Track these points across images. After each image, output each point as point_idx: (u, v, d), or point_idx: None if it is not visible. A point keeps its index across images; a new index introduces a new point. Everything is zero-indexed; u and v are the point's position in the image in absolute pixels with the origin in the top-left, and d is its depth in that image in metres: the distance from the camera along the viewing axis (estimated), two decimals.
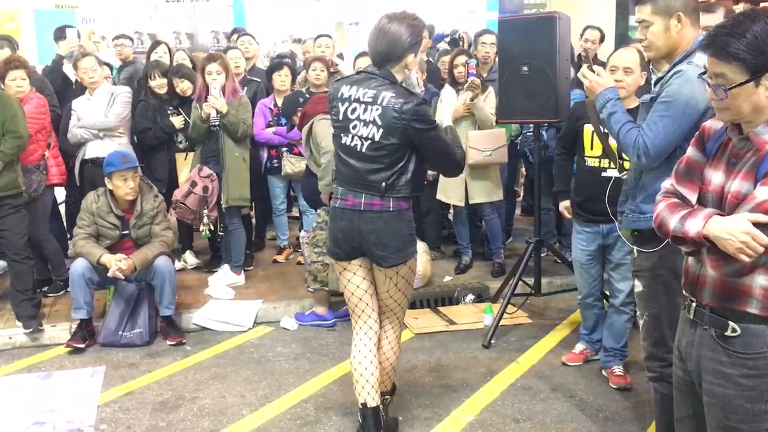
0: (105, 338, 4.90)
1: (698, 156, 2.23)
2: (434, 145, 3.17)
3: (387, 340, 3.51)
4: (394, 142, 3.10)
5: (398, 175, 3.15)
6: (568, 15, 4.93)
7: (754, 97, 1.99)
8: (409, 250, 3.28)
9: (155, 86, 5.94)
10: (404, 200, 3.20)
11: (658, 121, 2.74)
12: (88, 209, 4.91)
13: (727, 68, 1.99)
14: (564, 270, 5.67)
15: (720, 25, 2.05)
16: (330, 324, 5.19)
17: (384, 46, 3.11)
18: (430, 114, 3.19)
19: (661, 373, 2.88)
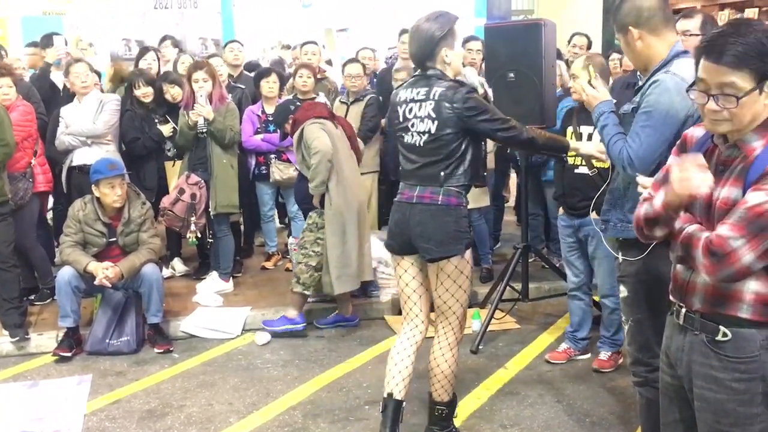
0: (92, 346, 4.88)
1: None
2: (493, 132, 3.25)
3: (438, 345, 3.45)
4: (450, 132, 3.19)
5: (456, 164, 3.22)
6: (554, 22, 4.96)
7: (756, 106, 1.98)
8: (453, 246, 3.24)
9: (140, 95, 5.93)
10: (457, 195, 3.24)
11: (640, 131, 2.77)
12: (75, 217, 4.90)
13: (736, 75, 1.95)
14: (552, 275, 5.69)
15: (718, 32, 2.01)
16: (300, 328, 5.13)
17: (417, 46, 3.26)
18: (480, 100, 3.23)
19: (646, 378, 2.89)
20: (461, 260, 3.29)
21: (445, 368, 3.43)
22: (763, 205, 1.93)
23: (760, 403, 2.06)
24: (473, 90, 3.26)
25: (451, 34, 3.24)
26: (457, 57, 3.29)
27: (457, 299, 3.36)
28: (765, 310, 2.03)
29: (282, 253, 6.66)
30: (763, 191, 1.94)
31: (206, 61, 5.86)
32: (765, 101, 1.98)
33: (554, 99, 4.98)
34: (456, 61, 3.29)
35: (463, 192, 3.27)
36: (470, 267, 3.37)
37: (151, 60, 6.55)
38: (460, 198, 3.25)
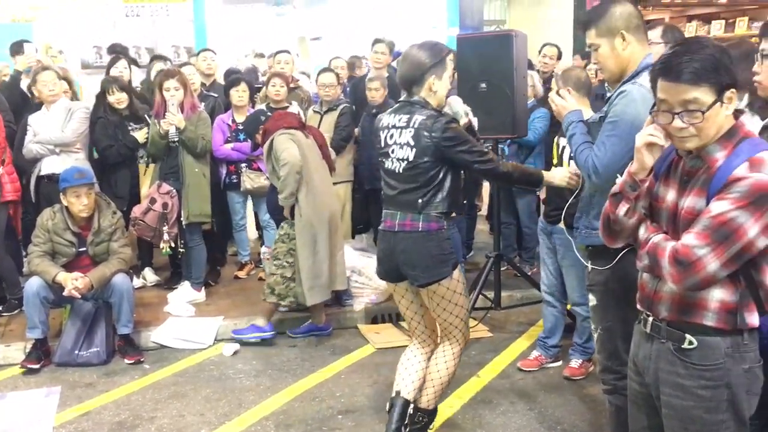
0: (61, 358, 4.81)
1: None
2: (469, 164, 3.27)
3: (442, 353, 3.50)
4: (427, 161, 3.22)
5: (434, 192, 3.25)
6: (525, 33, 5.02)
7: (719, 117, 2.04)
8: (439, 270, 3.27)
9: (114, 101, 5.88)
10: (437, 220, 3.26)
11: (606, 141, 2.81)
12: (44, 226, 4.84)
13: (697, 91, 2.01)
14: (524, 284, 5.72)
15: (673, 52, 2.06)
16: (269, 336, 5.13)
17: (406, 71, 3.32)
18: (460, 131, 3.26)
19: (615, 386, 2.93)
20: (451, 281, 3.32)
21: (441, 376, 3.48)
22: (726, 214, 1.97)
23: (726, 409, 2.10)
24: (453, 120, 3.30)
25: (441, 64, 3.29)
26: (443, 87, 3.33)
27: (456, 315, 3.40)
28: (729, 317, 2.08)
29: (255, 262, 6.63)
30: (726, 200, 1.99)
31: (178, 70, 5.83)
32: (725, 112, 2.05)
33: (525, 109, 5.04)
34: (441, 92, 3.33)
35: (443, 216, 3.28)
36: (462, 284, 3.40)
37: (122, 68, 6.50)
38: (440, 222, 3.27)
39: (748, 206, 1.96)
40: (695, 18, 11.07)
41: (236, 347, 5.06)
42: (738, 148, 2.04)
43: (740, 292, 2.07)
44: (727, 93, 2.03)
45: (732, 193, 1.98)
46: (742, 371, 2.09)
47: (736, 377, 2.09)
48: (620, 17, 2.84)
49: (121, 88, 5.92)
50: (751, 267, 2.06)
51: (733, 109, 2.06)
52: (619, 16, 2.84)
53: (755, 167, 1.98)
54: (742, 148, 2.04)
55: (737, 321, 2.07)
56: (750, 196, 1.96)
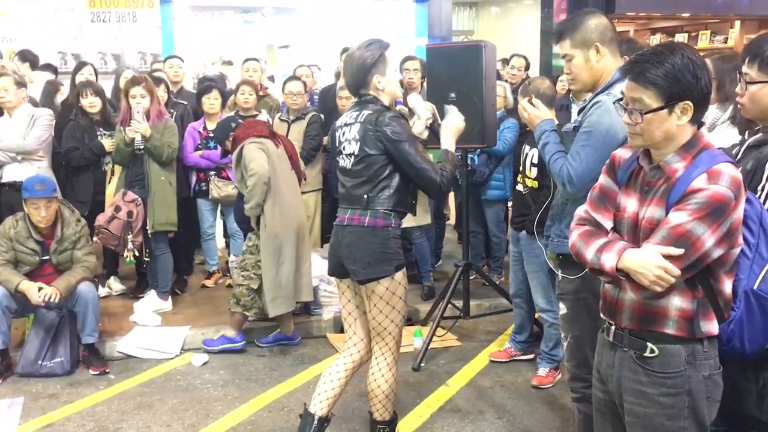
0: (24, 368, 4.71)
1: (610, 184, 2.32)
2: (407, 159, 3.19)
3: (377, 366, 3.41)
4: (372, 154, 3.21)
5: (381, 188, 3.23)
6: (493, 43, 5.06)
7: (666, 124, 2.09)
8: (380, 268, 3.23)
9: (87, 105, 5.79)
10: (384, 217, 3.23)
11: (581, 150, 2.84)
12: (6, 234, 4.74)
13: (644, 93, 2.09)
14: (492, 293, 5.75)
15: (641, 52, 2.14)
16: (239, 346, 5.11)
17: (350, 75, 3.31)
18: (405, 127, 3.23)
19: (584, 394, 2.95)
20: (392, 282, 3.27)
21: (385, 388, 3.41)
22: (684, 225, 2.01)
23: (687, 416, 2.14)
24: (399, 116, 3.27)
25: (381, 61, 3.26)
26: (390, 83, 3.31)
27: (391, 320, 3.33)
28: (689, 325, 2.11)
29: (223, 271, 6.57)
30: (684, 211, 2.03)
31: (144, 77, 5.76)
32: (677, 122, 2.09)
33: (495, 119, 5.08)
34: (390, 87, 3.32)
35: (392, 214, 3.25)
36: (404, 288, 3.34)
37: (87, 74, 6.41)
38: (387, 220, 3.24)
39: (705, 217, 2.00)
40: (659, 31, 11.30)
41: (205, 358, 5.01)
42: (697, 159, 2.08)
43: (698, 301, 2.11)
44: (680, 104, 2.06)
45: (690, 205, 2.02)
46: (702, 378, 2.13)
47: (696, 384, 2.13)
48: (595, 29, 2.88)
49: (96, 92, 5.84)
50: (709, 275, 2.10)
51: (686, 121, 2.08)
52: (594, 29, 2.88)
53: (713, 179, 2.02)
54: (701, 159, 2.08)
55: (695, 329, 2.11)
56: (707, 208, 2.00)
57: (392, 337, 3.38)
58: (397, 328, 3.39)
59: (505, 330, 5.45)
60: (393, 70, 3.35)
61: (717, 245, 2.02)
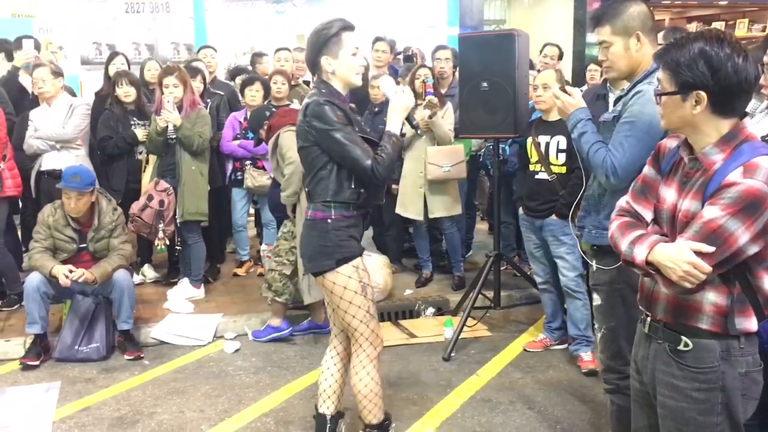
0: (61, 353, 4.82)
1: (653, 174, 2.28)
2: (334, 147, 3.00)
3: (353, 367, 3.31)
4: (305, 146, 3.09)
5: (318, 180, 3.08)
6: (526, 33, 5.02)
7: (680, 111, 2.07)
8: (320, 262, 3.10)
9: (122, 94, 5.88)
10: (322, 210, 3.07)
11: (624, 141, 2.79)
12: (45, 222, 4.83)
13: (662, 76, 2.09)
14: (523, 283, 5.74)
15: (676, 40, 2.12)
16: (286, 334, 5.16)
17: (306, 54, 3.18)
18: (331, 114, 2.97)
19: (617, 385, 2.93)
20: (337, 275, 3.09)
21: (362, 388, 3.26)
22: (717, 220, 1.97)
23: (720, 412, 2.10)
24: (328, 102, 3.00)
25: (335, 42, 3.04)
26: (342, 67, 3.06)
27: (353, 316, 3.16)
28: (723, 321, 2.08)
29: (254, 260, 6.63)
30: (717, 206, 1.98)
31: (178, 66, 5.81)
32: (693, 111, 2.05)
33: (527, 109, 5.04)
34: (343, 71, 3.07)
35: (332, 205, 3.06)
36: (358, 282, 3.12)
37: (120, 64, 6.48)
38: (327, 212, 3.07)
39: (738, 213, 1.95)
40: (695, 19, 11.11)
41: (237, 345, 5.07)
42: (737, 151, 2.03)
43: (735, 297, 2.07)
44: (693, 92, 2.03)
45: (723, 199, 1.97)
46: (738, 375, 2.09)
47: (731, 381, 2.09)
48: (637, 17, 2.82)
49: (131, 82, 5.92)
50: (746, 271, 2.06)
51: (700, 110, 2.04)
52: (636, 16, 2.82)
53: (748, 173, 1.97)
54: (742, 150, 2.03)
55: (729, 325, 2.07)
56: (740, 203, 1.95)
57: (362, 335, 3.21)
58: (363, 324, 3.19)
59: (536, 320, 5.43)
60: (350, 53, 3.06)
61: (752, 242, 1.97)
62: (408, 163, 5.83)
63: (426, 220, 5.87)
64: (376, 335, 3.25)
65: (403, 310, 5.65)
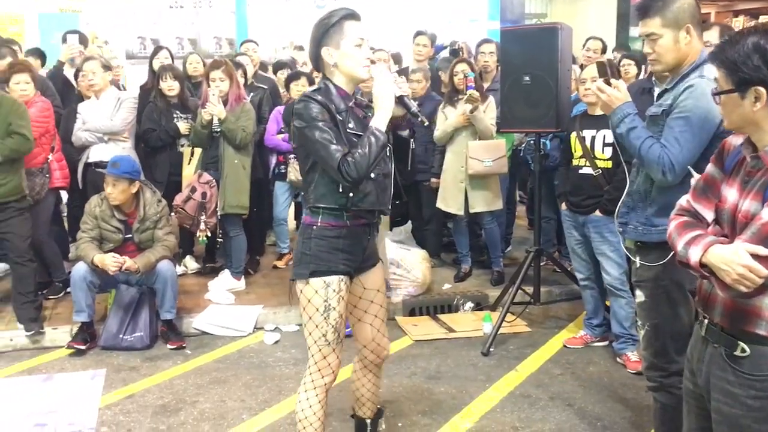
0: (106, 341, 4.92)
1: (716, 172, 2.20)
2: (309, 146, 2.74)
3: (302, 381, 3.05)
4: (295, 147, 2.92)
5: (308, 183, 2.87)
6: (570, 26, 4.97)
7: (740, 109, 2.00)
8: (296, 269, 2.88)
9: (166, 88, 5.98)
10: (310, 214, 2.85)
11: (679, 136, 2.74)
12: (92, 213, 4.94)
13: (719, 75, 2.04)
14: (563, 279, 5.70)
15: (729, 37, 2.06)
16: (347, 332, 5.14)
17: (309, 53, 2.92)
18: (308, 110, 2.70)
19: (661, 383, 2.90)
20: (306, 286, 2.85)
21: (299, 412, 2.98)
22: None
23: None
24: (309, 98, 2.74)
25: (337, 32, 2.76)
26: (347, 58, 2.77)
27: (309, 333, 2.90)
28: None
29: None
30: None
31: (225, 60, 5.87)
32: (753, 108, 1.98)
33: (569, 103, 5.01)
34: (347, 63, 2.78)
35: (319, 211, 2.82)
36: (323, 300, 2.83)
37: (163, 58, 6.59)
38: (313, 218, 2.83)
39: None
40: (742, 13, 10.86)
41: (277, 336, 5.13)
42: None
43: None
44: (751, 89, 1.96)
45: None
46: None
47: None
48: (688, 9, 2.77)
49: (175, 76, 6.02)
50: None
51: (760, 106, 1.97)
52: (687, 8, 2.76)
53: None
54: None
55: None
56: None
57: (311, 355, 2.92)
58: (315, 346, 2.89)
59: (577, 317, 5.39)
60: (353, 44, 2.77)
61: None
62: (449, 157, 5.82)
63: (466, 215, 5.86)
64: (327, 364, 2.92)
65: (441, 305, 5.65)
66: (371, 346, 3.18)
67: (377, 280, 3.08)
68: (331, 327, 2.87)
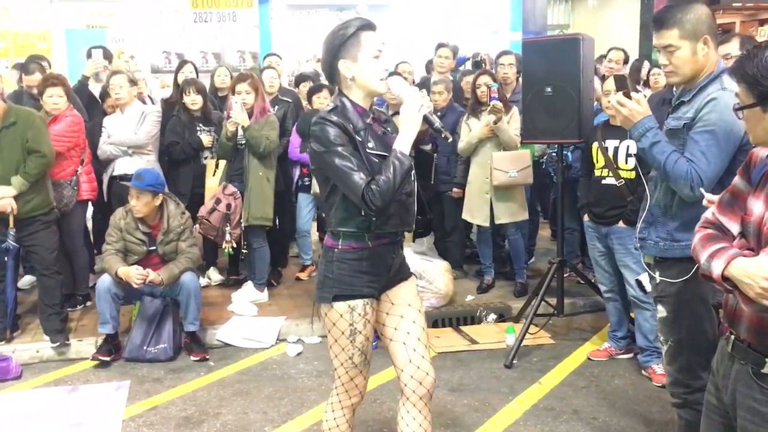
0: (130, 353, 4.96)
1: (743, 185, 2.16)
2: (330, 172, 2.64)
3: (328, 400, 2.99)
4: (313, 169, 2.81)
5: (329, 206, 2.76)
6: (591, 37, 4.96)
7: (763, 123, 1.97)
8: (319, 292, 2.79)
9: (189, 102, 6.04)
10: (333, 237, 2.75)
11: (706, 151, 2.71)
12: (117, 225, 4.99)
13: (739, 89, 2.01)
14: (587, 291, 5.64)
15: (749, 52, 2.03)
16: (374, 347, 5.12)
17: (321, 60, 2.78)
18: (325, 134, 2.60)
19: (686, 400, 2.85)
20: (331, 310, 2.75)
21: (325, 430, 2.96)
22: None
23: None
24: (324, 120, 2.62)
25: (354, 44, 2.63)
26: (364, 70, 2.64)
27: (335, 355, 2.82)
28: None
29: (317, 264, 6.69)
30: None
31: (251, 74, 5.92)
32: None
33: (591, 113, 4.98)
34: (363, 76, 2.65)
35: (340, 234, 2.72)
36: (348, 324, 2.74)
37: (188, 72, 6.66)
38: (335, 240, 2.74)
39: None
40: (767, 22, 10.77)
41: (299, 348, 5.14)
42: None
43: None
44: None
45: None
46: None
47: None
48: (705, 20, 2.75)
49: (198, 90, 6.09)
50: None
51: None
52: (705, 19, 2.75)
53: None
54: None
55: None
56: None
57: (337, 376, 2.86)
58: (342, 368, 2.82)
59: (600, 329, 5.34)
60: (371, 56, 2.64)
61: None
62: (474, 169, 5.82)
63: (491, 226, 5.84)
64: (354, 385, 2.86)
65: (464, 316, 5.63)
66: (409, 370, 2.86)
67: (407, 295, 2.90)
68: (357, 350, 2.78)
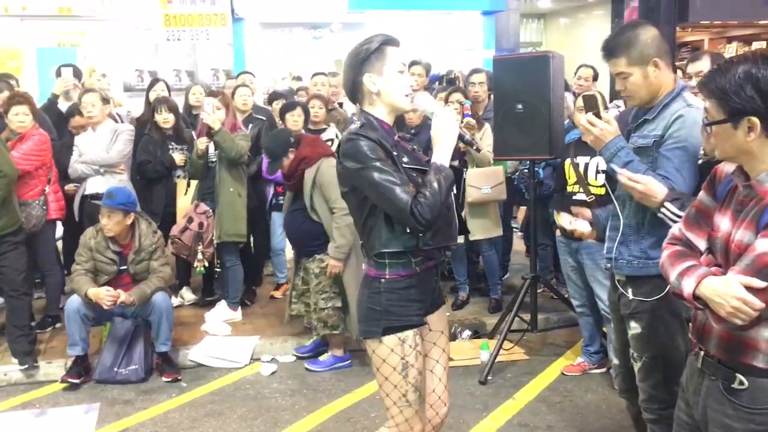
0: (100, 375, 4.88)
1: (708, 200, 2.17)
2: (369, 189, 2.53)
3: None
4: (346, 191, 2.67)
5: (368, 231, 2.63)
6: (561, 54, 5.01)
7: (734, 140, 1.96)
8: (365, 326, 2.68)
9: (161, 120, 6.00)
10: (376, 266, 2.63)
11: (680, 167, 2.73)
12: (87, 245, 4.93)
13: (709, 104, 2.00)
14: (561, 306, 5.67)
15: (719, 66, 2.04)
16: (348, 365, 5.08)
17: (344, 81, 2.74)
18: (361, 149, 2.51)
19: (660, 415, 2.85)
20: (379, 346, 2.63)
21: None
22: None
23: None
24: (357, 135, 2.55)
25: (378, 58, 2.60)
26: (389, 85, 2.60)
27: (387, 394, 2.68)
28: None
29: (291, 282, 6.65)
30: None
31: (221, 91, 5.92)
32: (746, 138, 1.94)
33: (562, 130, 5.02)
34: (389, 90, 2.61)
35: (386, 261, 2.61)
36: (400, 358, 2.61)
37: (160, 90, 6.62)
38: (380, 269, 2.62)
39: None
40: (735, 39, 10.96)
41: (273, 367, 5.10)
42: None
43: None
44: (744, 119, 1.92)
45: None
46: None
47: None
48: (652, 44, 2.77)
49: (170, 109, 6.04)
50: None
51: (754, 136, 1.93)
52: (651, 43, 2.77)
53: None
54: None
55: None
56: None
57: (391, 416, 2.71)
58: (395, 407, 2.67)
59: (574, 344, 5.36)
60: (396, 70, 2.62)
61: None
62: None
63: (465, 242, 5.85)
64: (408, 426, 2.68)
65: None
66: (430, 400, 2.79)
67: (440, 322, 2.83)
68: (411, 386, 2.64)
